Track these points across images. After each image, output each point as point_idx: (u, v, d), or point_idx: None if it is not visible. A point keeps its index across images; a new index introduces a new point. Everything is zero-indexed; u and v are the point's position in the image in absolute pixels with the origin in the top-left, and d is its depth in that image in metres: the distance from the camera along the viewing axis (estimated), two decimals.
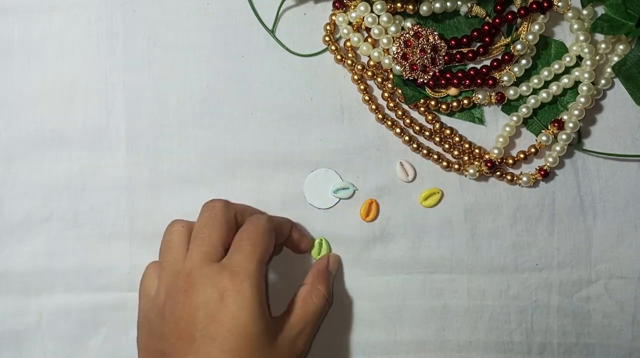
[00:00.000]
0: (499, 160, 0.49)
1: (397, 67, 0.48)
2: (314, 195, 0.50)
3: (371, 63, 0.50)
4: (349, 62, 0.49)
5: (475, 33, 0.49)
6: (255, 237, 0.43)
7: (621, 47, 0.49)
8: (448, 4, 0.49)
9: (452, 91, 0.49)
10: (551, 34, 0.50)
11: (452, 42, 0.49)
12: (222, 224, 0.44)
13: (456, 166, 0.49)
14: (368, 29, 0.49)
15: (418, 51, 0.48)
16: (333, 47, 0.49)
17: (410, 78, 0.48)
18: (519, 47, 0.48)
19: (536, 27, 0.48)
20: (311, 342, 0.46)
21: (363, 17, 0.49)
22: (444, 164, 0.49)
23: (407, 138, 0.49)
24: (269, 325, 0.41)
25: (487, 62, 0.49)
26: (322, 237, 0.49)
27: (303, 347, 0.44)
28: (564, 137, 0.49)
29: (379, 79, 0.49)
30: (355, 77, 0.50)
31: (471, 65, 0.50)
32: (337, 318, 0.49)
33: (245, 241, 0.43)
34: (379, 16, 0.49)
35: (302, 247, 0.49)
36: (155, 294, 0.44)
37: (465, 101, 0.49)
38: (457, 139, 0.50)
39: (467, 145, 0.50)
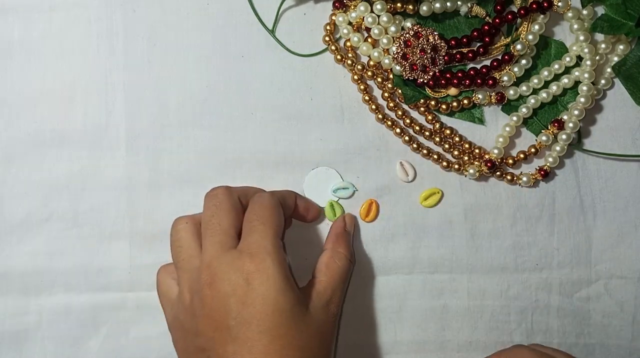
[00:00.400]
0: (499, 160, 0.49)
1: (397, 67, 0.48)
2: (314, 193, 0.50)
3: (371, 63, 0.50)
4: (349, 62, 0.49)
5: (475, 33, 0.49)
6: (264, 214, 0.43)
7: (621, 47, 0.49)
8: (448, 4, 0.49)
9: (452, 91, 0.49)
10: (551, 34, 0.50)
11: (452, 42, 0.49)
12: (229, 210, 0.44)
13: (456, 166, 0.49)
14: (368, 29, 0.49)
15: (418, 51, 0.48)
16: (333, 47, 0.50)
17: (410, 78, 0.48)
18: (519, 47, 0.48)
19: (536, 27, 0.48)
20: (342, 304, 0.46)
21: (363, 17, 0.49)
22: (444, 164, 0.49)
23: (407, 138, 0.49)
24: (298, 297, 0.41)
25: (487, 62, 0.49)
26: (330, 200, 0.49)
27: (336, 310, 0.44)
28: (564, 137, 0.49)
29: (379, 79, 0.49)
30: (355, 77, 0.50)
31: (471, 65, 0.50)
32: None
33: (255, 221, 0.43)
34: (379, 16, 0.49)
35: (310, 216, 0.49)
36: (179, 295, 0.43)
37: (465, 101, 0.49)
38: (457, 139, 0.50)
39: (467, 145, 0.50)
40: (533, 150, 0.49)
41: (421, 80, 0.48)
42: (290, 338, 0.40)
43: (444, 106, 0.49)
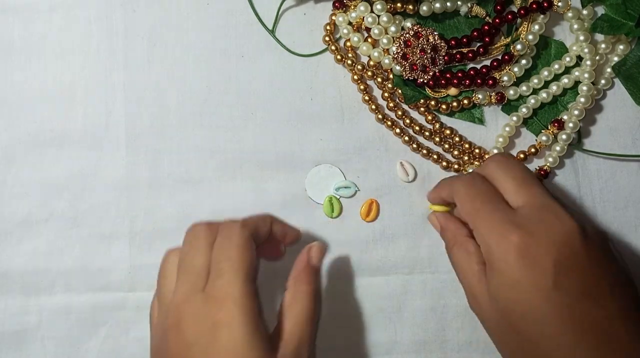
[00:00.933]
0: None
1: (397, 67, 0.48)
2: (315, 190, 0.50)
3: (371, 63, 0.50)
4: (349, 62, 0.49)
5: (475, 33, 0.49)
6: (232, 255, 0.40)
7: (621, 47, 0.49)
8: (448, 4, 0.49)
9: (452, 91, 0.49)
10: (551, 34, 0.50)
11: (452, 42, 0.49)
12: (205, 248, 0.41)
13: (456, 166, 0.49)
14: (368, 29, 0.49)
15: (418, 51, 0.48)
16: (333, 47, 0.50)
17: (410, 78, 0.48)
18: (519, 47, 0.48)
19: (536, 27, 0.48)
20: (314, 343, 0.44)
21: (363, 17, 0.49)
22: (444, 163, 0.49)
23: (407, 138, 0.49)
24: (266, 348, 0.39)
25: (487, 62, 0.49)
26: (330, 194, 0.49)
27: (307, 353, 0.41)
28: (564, 137, 0.49)
29: (379, 79, 0.49)
30: (355, 77, 0.50)
31: (471, 65, 0.50)
32: (337, 318, 0.49)
33: (223, 263, 0.39)
34: (379, 16, 0.49)
35: (288, 239, 0.46)
36: (155, 325, 0.42)
37: (465, 101, 0.49)
38: (457, 139, 0.50)
39: (467, 145, 0.50)
40: (533, 150, 0.49)
41: (421, 80, 0.48)
42: None
43: (444, 106, 0.49)
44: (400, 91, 0.49)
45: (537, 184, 0.42)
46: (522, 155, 0.49)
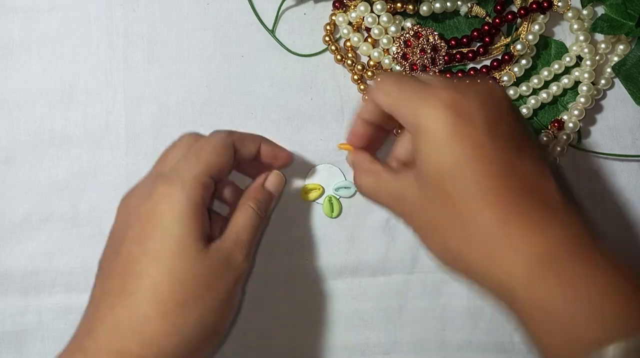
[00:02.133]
0: None
1: (397, 67, 0.48)
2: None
3: (371, 63, 0.50)
4: (349, 62, 0.49)
5: (475, 33, 0.49)
6: (203, 149, 0.42)
7: (621, 47, 0.49)
8: (448, 4, 0.49)
9: None
10: (551, 34, 0.50)
11: (452, 42, 0.49)
12: (184, 147, 0.43)
13: None
14: (368, 29, 0.49)
15: (418, 51, 0.48)
16: (333, 47, 0.50)
17: None
18: (519, 47, 0.48)
19: (536, 27, 0.49)
20: (251, 260, 0.44)
21: (363, 17, 0.49)
22: None
23: None
24: (199, 233, 0.40)
25: (487, 62, 0.50)
26: (330, 195, 0.49)
27: (240, 259, 0.41)
28: (564, 137, 0.49)
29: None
30: (355, 77, 0.50)
31: (471, 65, 0.50)
32: (338, 318, 0.49)
33: (192, 152, 0.42)
34: (379, 16, 0.49)
35: (278, 162, 0.47)
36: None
37: None
38: None
39: None
40: None
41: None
42: (173, 266, 0.39)
43: None
44: None
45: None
46: None
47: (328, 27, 0.50)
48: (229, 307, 0.41)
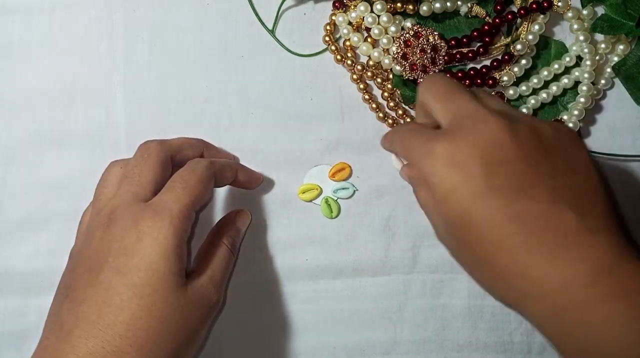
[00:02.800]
0: None
1: (397, 67, 0.48)
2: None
3: (371, 63, 0.50)
4: (349, 62, 0.49)
5: (475, 33, 0.49)
6: (189, 181, 0.41)
7: (621, 47, 0.49)
8: (448, 4, 0.49)
9: None
10: (551, 34, 0.50)
11: (452, 42, 0.49)
12: (155, 164, 0.43)
13: None
14: (368, 29, 0.49)
15: (418, 51, 0.48)
16: (333, 47, 0.50)
17: (410, 78, 0.48)
18: (519, 47, 0.48)
19: (536, 27, 0.49)
20: (224, 294, 0.46)
21: (363, 17, 0.49)
22: None
23: None
24: (181, 270, 0.40)
25: (487, 62, 0.50)
26: (326, 196, 0.49)
27: (214, 296, 0.42)
28: None
29: (379, 80, 0.49)
30: (355, 76, 0.50)
31: (471, 65, 0.50)
32: (338, 318, 0.49)
33: (177, 183, 0.41)
34: (379, 16, 0.49)
35: (253, 185, 0.49)
36: (83, 229, 0.44)
37: None
38: None
39: None
40: None
41: (421, 80, 0.48)
42: (154, 301, 0.38)
43: None
44: (399, 92, 0.49)
45: (462, 96, 0.39)
46: None
47: (328, 27, 0.50)
48: (199, 340, 0.42)
